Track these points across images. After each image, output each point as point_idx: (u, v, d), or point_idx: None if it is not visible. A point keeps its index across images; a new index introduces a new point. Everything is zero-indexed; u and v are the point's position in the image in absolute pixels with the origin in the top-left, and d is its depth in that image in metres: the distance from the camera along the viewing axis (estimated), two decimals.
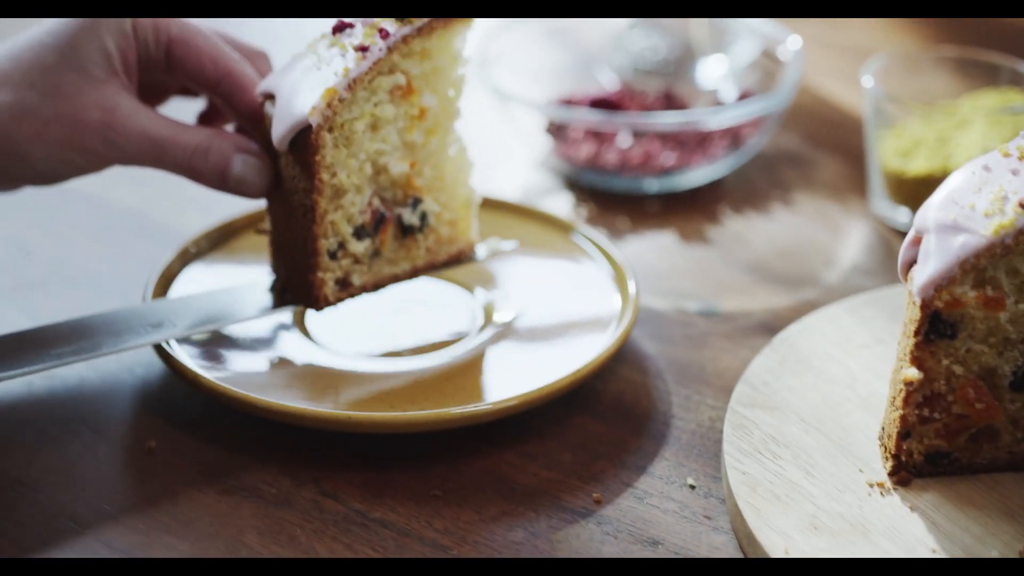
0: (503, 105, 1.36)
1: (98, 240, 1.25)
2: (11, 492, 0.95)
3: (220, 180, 1.04)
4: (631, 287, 1.10)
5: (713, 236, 1.29)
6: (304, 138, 1.00)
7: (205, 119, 1.14)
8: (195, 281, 1.12)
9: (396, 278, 1.09)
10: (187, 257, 1.14)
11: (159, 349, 1.02)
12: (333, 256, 1.04)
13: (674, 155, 1.35)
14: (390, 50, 1.01)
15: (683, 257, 1.26)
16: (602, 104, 1.41)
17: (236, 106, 1.06)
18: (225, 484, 0.97)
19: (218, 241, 1.16)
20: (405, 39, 1.02)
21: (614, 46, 1.56)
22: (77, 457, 0.99)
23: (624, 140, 1.36)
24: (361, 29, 1.03)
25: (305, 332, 1.09)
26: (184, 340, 1.04)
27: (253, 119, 1.06)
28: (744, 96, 1.45)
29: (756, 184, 1.37)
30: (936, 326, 0.90)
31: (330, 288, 1.05)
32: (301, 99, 1.00)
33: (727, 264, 1.25)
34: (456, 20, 1.04)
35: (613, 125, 1.32)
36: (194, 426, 1.02)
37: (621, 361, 1.10)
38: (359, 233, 1.05)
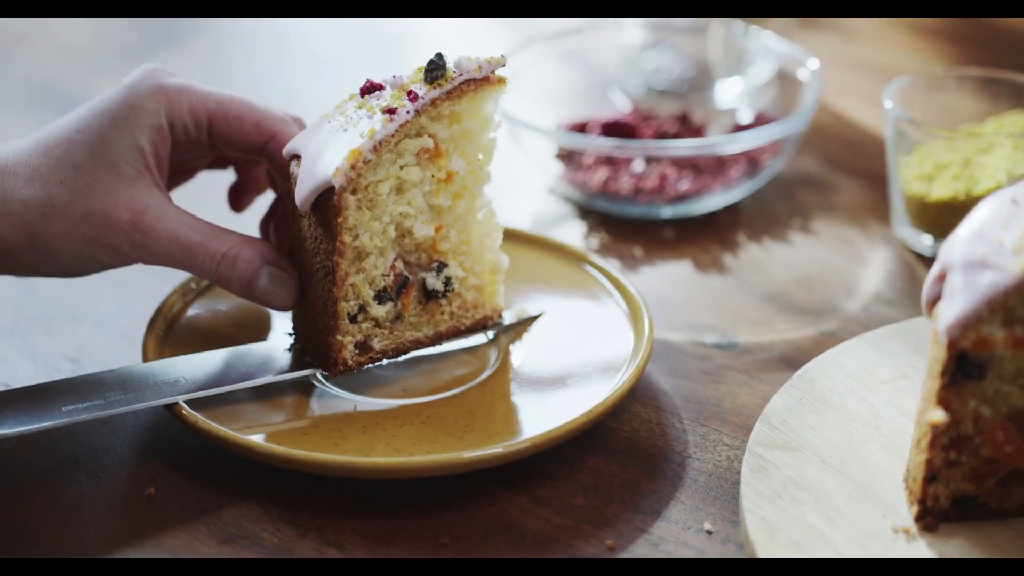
0: (513, 130, 1.33)
1: (101, 277, 1.22)
2: (6, 544, 0.92)
3: (246, 290, 1.03)
4: (645, 322, 1.07)
5: (730, 264, 1.26)
6: (327, 199, 0.98)
7: (236, 191, 1.14)
8: (198, 319, 1.09)
9: (419, 343, 1.06)
10: (188, 294, 1.11)
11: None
12: (353, 319, 1.02)
13: (689, 180, 1.31)
14: (418, 112, 0.99)
15: (699, 286, 1.22)
16: (615, 128, 1.37)
17: (282, 166, 1.05)
18: (226, 533, 0.93)
19: None
20: (434, 102, 0.99)
21: (628, 67, 1.53)
22: (74, 506, 0.96)
23: (638, 165, 1.33)
24: (390, 91, 1.01)
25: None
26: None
27: None
28: (761, 117, 1.41)
29: (774, 209, 1.33)
30: (963, 367, 0.86)
31: (349, 352, 1.02)
32: (326, 160, 0.98)
33: (744, 293, 1.21)
34: (488, 84, 1.01)
35: (627, 152, 1.29)
36: (194, 472, 0.99)
37: (635, 398, 1.07)
38: (380, 296, 1.02)
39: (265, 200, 1.15)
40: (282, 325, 1.09)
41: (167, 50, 1.68)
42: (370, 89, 1.02)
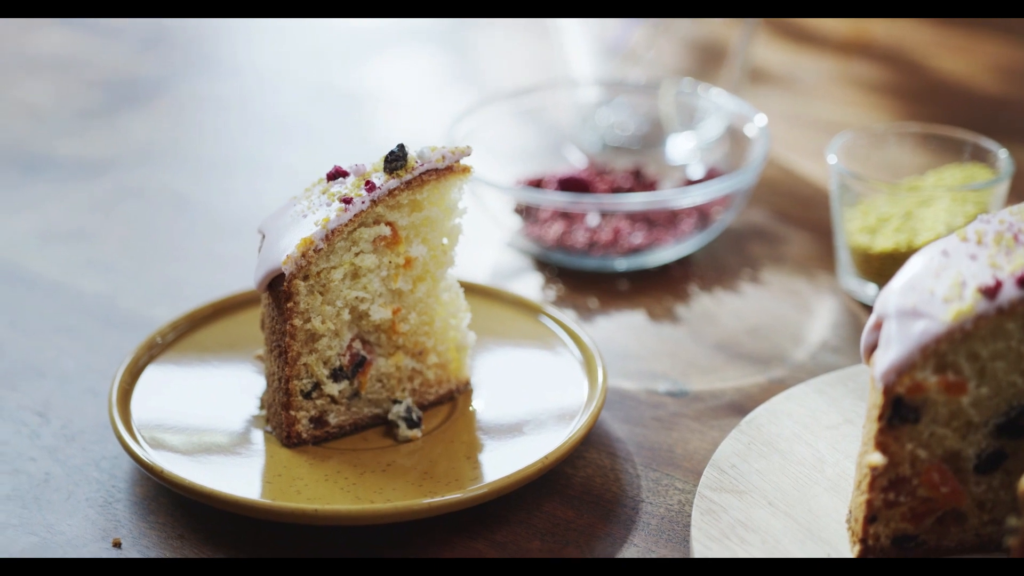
0: (472, 185, 1.37)
1: (66, 333, 1.25)
2: None
3: None
4: (599, 371, 1.10)
5: (682, 314, 1.29)
6: (279, 283, 1.02)
7: None
8: (163, 374, 1.12)
9: (378, 418, 1.09)
10: (154, 349, 1.13)
11: (125, 443, 1.02)
12: (307, 396, 1.05)
13: (642, 234, 1.35)
14: (374, 203, 1.02)
15: (653, 336, 1.26)
16: (571, 183, 1.41)
17: None
18: None
19: (185, 331, 1.16)
20: (392, 192, 1.03)
21: (583, 124, 1.57)
22: (39, 557, 0.98)
23: (593, 219, 1.37)
24: (352, 179, 1.04)
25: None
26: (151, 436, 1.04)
27: None
28: (711, 172, 1.46)
29: (725, 261, 1.37)
30: (899, 411, 0.90)
31: (303, 426, 1.05)
32: (281, 245, 1.02)
33: (696, 343, 1.25)
34: (452, 173, 1.05)
35: (582, 206, 1.33)
36: (161, 522, 1.01)
37: (590, 445, 1.10)
38: (336, 375, 1.06)
39: None
40: (246, 382, 1.12)
41: (131, 111, 1.71)
42: (335, 175, 1.05)
